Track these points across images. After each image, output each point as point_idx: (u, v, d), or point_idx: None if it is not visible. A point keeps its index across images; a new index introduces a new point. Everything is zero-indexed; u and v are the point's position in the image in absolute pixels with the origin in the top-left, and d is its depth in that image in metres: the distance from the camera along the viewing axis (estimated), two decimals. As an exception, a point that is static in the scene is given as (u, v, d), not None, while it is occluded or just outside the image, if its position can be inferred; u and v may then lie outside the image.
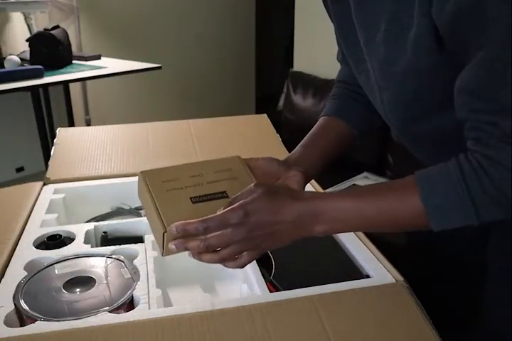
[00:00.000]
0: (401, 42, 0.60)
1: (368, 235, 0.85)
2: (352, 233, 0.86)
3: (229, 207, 0.58)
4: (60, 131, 1.31)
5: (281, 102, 2.68)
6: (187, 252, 0.62)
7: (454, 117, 0.58)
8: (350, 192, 0.61)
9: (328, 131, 0.84)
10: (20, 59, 2.15)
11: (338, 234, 0.86)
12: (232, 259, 0.60)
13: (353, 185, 2.05)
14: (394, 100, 0.70)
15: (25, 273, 0.75)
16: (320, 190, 1.03)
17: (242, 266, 0.61)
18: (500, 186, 0.52)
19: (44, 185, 1.07)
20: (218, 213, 0.58)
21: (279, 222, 0.58)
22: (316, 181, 1.05)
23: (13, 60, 2.09)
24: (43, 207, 0.97)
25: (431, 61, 0.59)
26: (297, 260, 0.80)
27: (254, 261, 0.77)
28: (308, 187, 1.03)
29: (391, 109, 0.72)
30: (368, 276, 0.74)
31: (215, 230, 0.58)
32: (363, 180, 2.10)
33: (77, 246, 0.83)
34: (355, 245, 0.82)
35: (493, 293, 0.80)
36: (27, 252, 0.81)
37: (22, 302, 0.68)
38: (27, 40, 2.21)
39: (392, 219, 0.58)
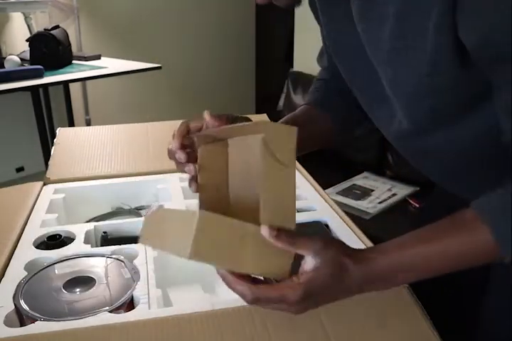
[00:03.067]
0: (409, 62, 0.57)
1: (368, 235, 0.85)
2: (352, 233, 0.86)
3: (287, 283, 0.52)
4: (60, 131, 1.31)
5: (281, 102, 2.68)
6: None
7: (474, 127, 0.56)
8: (412, 240, 0.54)
9: (307, 117, 0.82)
10: (20, 59, 2.15)
11: (338, 234, 0.86)
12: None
13: (353, 184, 2.05)
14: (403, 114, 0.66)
15: (25, 273, 0.75)
16: (320, 189, 1.02)
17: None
18: None
19: (44, 185, 1.07)
20: (273, 286, 0.52)
21: (337, 298, 0.55)
22: (317, 181, 1.05)
23: (13, 60, 2.09)
24: (43, 207, 0.97)
25: (453, 78, 0.55)
26: (297, 260, 0.80)
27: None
28: (309, 187, 1.03)
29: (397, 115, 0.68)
30: (368, 276, 0.74)
31: (266, 302, 0.53)
32: (363, 180, 2.10)
33: (77, 246, 0.83)
34: (355, 245, 0.82)
35: (494, 304, 0.80)
36: (27, 252, 0.81)
37: (22, 302, 0.68)
38: (27, 40, 2.21)
39: (466, 259, 0.53)
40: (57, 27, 2.26)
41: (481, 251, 0.51)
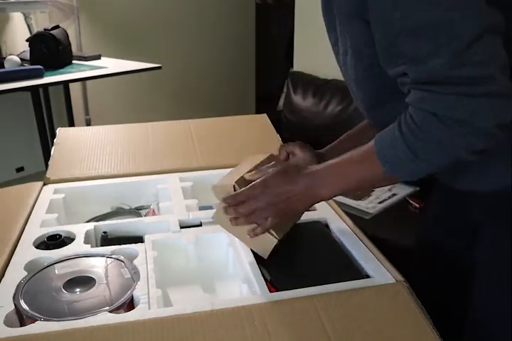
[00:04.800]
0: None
1: (368, 235, 0.85)
2: (352, 233, 0.86)
3: (252, 183, 0.73)
4: (60, 131, 1.31)
5: (281, 102, 2.68)
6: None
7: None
8: (333, 164, 0.74)
9: (362, 133, 0.95)
10: (21, 59, 2.15)
11: (338, 234, 0.86)
12: (260, 222, 0.73)
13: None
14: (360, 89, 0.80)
15: (25, 273, 0.75)
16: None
17: (268, 228, 0.74)
18: (422, 125, 0.63)
19: (44, 185, 1.07)
20: (245, 188, 0.73)
21: (292, 190, 0.72)
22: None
23: (13, 60, 2.09)
24: (43, 207, 0.97)
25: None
26: (297, 260, 0.80)
27: (254, 261, 0.77)
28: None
29: (358, 96, 0.82)
30: (367, 276, 0.74)
31: (244, 200, 0.73)
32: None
33: (77, 246, 0.83)
34: (355, 245, 0.82)
35: (489, 296, 0.80)
36: (27, 252, 0.81)
37: (22, 302, 0.68)
38: (27, 40, 2.21)
39: (368, 176, 0.72)
40: (57, 27, 2.26)
41: (370, 165, 0.69)
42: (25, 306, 0.68)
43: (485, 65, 0.59)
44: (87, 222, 1.01)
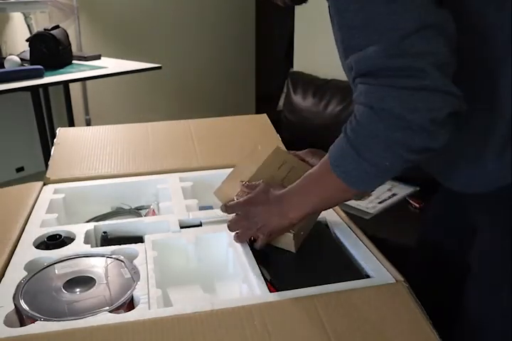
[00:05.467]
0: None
1: (368, 235, 0.85)
2: (352, 233, 0.86)
3: (236, 202, 0.81)
4: (60, 131, 1.31)
5: (281, 102, 2.68)
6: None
7: None
8: (297, 184, 0.76)
9: None
10: (21, 59, 2.15)
11: (338, 234, 0.86)
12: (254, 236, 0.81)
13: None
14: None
15: (25, 273, 0.75)
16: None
17: (260, 246, 0.81)
18: (361, 120, 0.63)
19: (44, 185, 1.07)
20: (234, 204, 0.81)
21: (266, 210, 0.78)
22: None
23: (13, 60, 2.09)
24: (43, 207, 0.97)
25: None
26: (297, 260, 0.80)
27: (254, 261, 0.77)
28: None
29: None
30: (367, 276, 0.74)
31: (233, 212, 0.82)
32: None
33: (77, 246, 0.83)
34: (355, 245, 0.82)
35: (488, 296, 0.81)
36: (27, 252, 0.81)
37: (22, 302, 0.68)
38: (27, 40, 2.20)
39: (330, 191, 0.72)
40: (57, 27, 2.26)
41: (328, 179, 0.69)
42: (25, 306, 0.68)
43: (420, 58, 0.59)
44: (87, 222, 1.01)
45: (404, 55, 0.59)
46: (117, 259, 0.79)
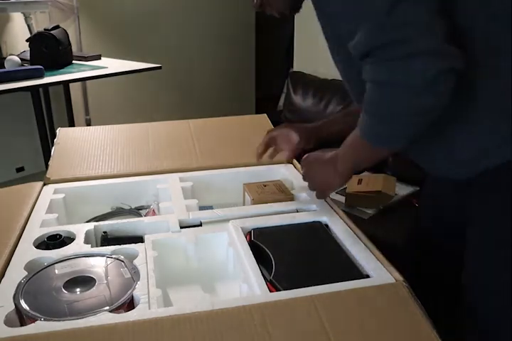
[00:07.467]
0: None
1: (368, 235, 0.85)
2: (352, 233, 0.86)
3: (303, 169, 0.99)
4: (60, 131, 1.31)
5: (281, 102, 2.68)
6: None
7: None
8: (344, 144, 0.87)
9: (348, 117, 1.07)
10: (21, 59, 2.15)
11: (338, 234, 0.86)
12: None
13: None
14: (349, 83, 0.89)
15: (25, 273, 0.75)
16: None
17: (324, 196, 0.98)
18: (371, 96, 0.73)
19: (44, 185, 1.07)
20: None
21: (324, 168, 0.92)
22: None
23: (13, 60, 2.09)
24: (43, 207, 0.97)
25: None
26: (297, 260, 0.80)
27: (254, 261, 0.77)
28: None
29: (352, 93, 0.90)
30: (368, 276, 0.74)
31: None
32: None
33: (77, 246, 0.83)
34: (355, 245, 0.82)
35: (488, 292, 0.81)
36: (27, 252, 0.81)
37: (22, 302, 0.68)
38: (27, 40, 2.20)
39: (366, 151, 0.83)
40: (57, 27, 2.26)
41: (361, 145, 0.81)
42: (25, 306, 0.68)
43: (400, 30, 0.65)
44: (87, 222, 1.01)
45: (386, 30, 0.66)
46: (117, 259, 0.79)
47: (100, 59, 2.46)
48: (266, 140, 1.08)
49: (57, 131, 1.31)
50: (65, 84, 2.46)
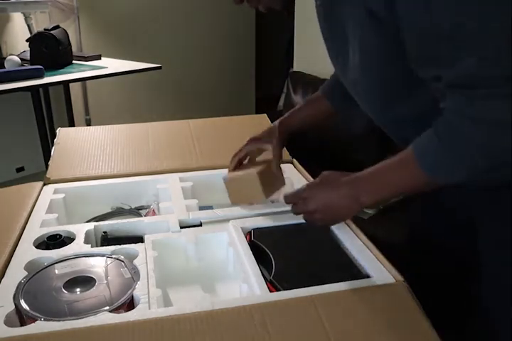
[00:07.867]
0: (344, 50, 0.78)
1: (368, 235, 0.85)
2: (352, 233, 0.86)
3: (297, 189, 0.81)
4: (60, 131, 1.31)
5: (281, 102, 2.68)
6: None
7: (413, 104, 0.75)
8: (374, 168, 0.75)
9: (314, 106, 1.14)
10: (21, 59, 2.15)
11: (338, 234, 0.86)
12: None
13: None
14: (366, 91, 0.82)
15: (26, 273, 0.75)
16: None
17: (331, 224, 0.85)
18: (458, 128, 0.63)
19: (44, 185, 1.07)
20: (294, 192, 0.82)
21: (335, 197, 0.77)
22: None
23: (13, 60, 2.09)
24: (43, 207, 0.97)
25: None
26: (297, 260, 0.80)
27: (254, 261, 0.77)
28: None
29: (366, 99, 0.85)
30: (368, 276, 0.74)
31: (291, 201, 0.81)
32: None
33: (77, 246, 0.83)
34: (355, 245, 0.82)
35: (490, 291, 0.80)
36: (27, 252, 0.81)
37: (22, 302, 0.68)
38: (27, 40, 2.20)
39: (409, 181, 0.71)
40: (57, 27, 2.26)
41: (410, 172, 0.69)
42: (25, 306, 0.68)
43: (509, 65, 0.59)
44: (87, 222, 1.01)
45: (498, 64, 0.59)
46: (117, 259, 0.79)
47: (100, 59, 2.46)
48: (234, 164, 1.00)
49: (57, 131, 1.31)
50: (65, 84, 2.46)
